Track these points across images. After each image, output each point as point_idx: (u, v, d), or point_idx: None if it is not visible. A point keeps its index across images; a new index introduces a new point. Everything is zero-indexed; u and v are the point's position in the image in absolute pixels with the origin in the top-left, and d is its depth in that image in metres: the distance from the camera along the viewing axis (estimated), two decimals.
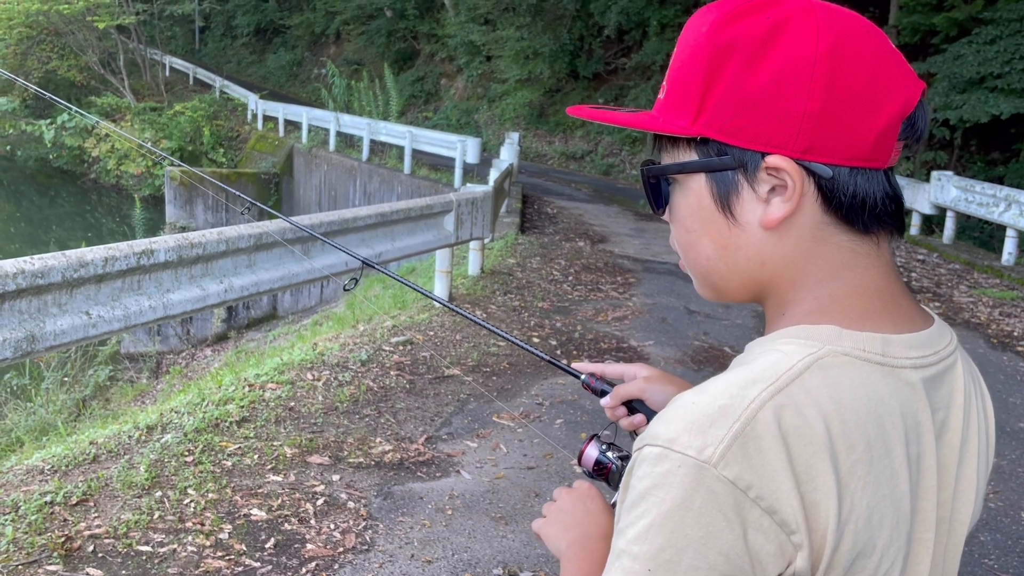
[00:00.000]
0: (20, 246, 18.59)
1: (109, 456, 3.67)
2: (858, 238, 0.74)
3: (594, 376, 1.14)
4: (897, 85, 0.72)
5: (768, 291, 0.78)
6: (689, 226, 0.79)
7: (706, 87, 0.73)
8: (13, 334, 3.19)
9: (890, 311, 0.75)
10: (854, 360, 0.70)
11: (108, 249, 3.57)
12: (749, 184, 0.73)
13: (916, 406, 0.73)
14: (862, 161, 0.71)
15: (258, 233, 4.33)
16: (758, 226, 0.74)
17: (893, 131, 0.72)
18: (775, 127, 0.71)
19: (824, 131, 0.70)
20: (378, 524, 3.28)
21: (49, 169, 25.77)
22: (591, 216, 11.98)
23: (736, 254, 0.76)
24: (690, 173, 0.77)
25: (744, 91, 0.71)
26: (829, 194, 0.72)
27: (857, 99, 0.70)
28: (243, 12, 34.81)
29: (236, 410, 4.19)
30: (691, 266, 0.83)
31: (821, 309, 0.74)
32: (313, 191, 18.50)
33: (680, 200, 0.80)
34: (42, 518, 3.07)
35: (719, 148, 0.74)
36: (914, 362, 0.73)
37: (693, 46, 0.75)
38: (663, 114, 0.78)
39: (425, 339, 5.63)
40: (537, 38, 20.47)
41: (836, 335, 0.71)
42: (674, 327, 6.45)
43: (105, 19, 22.53)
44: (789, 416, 0.66)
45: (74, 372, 8.67)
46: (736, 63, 0.72)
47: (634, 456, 0.70)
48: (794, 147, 0.71)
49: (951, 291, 8.40)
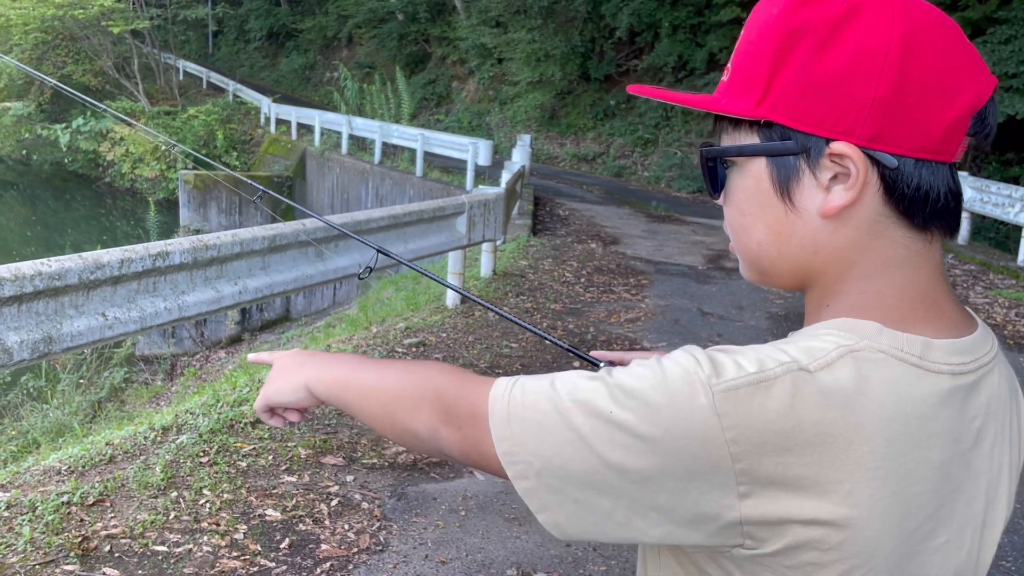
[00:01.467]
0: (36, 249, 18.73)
1: (125, 457, 3.70)
2: (913, 235, 0.73)
3: (613, 364, 1.15)
4: (969, 78, 0.70)
5: (815, 281, 0.76)
6: (745, 209, 0.78)
7: (773, 70, 0.72)
8: (31, 335, 3.21)
9: (934, 315, 0.74)
10: (889, 359, 0.69)
11: (124, 251, 3.60)
12: (811, 170, 0.72)
13: (948, 411, 0.71)
14: (929, 153, 0.70)
15: (272, 235, 4.35)
16: (816, 214, 0.73)
17: (963, 124, 0.70)
18: (842, 113, 0.69)
19: (893, 120, 0.69)
20: (392, 525, 3.29)
21: (64, 173, 25.98)
22: (603, 218, 11.97)
23: (790, 241, 0.75)
24: (750, 156, 0.76)
25: (812, 75, 0.70)
26: (892, 185, 0.70)
27: (928, 89, 0.68)
28: (256, 16, 35.00)
29: (251, 411, 4.20)
30: (741, 249, 0.81)
31: (865, 305, 0.73)
32: (326, 194, 18.57)
33: (737, 183, 0.78)
34: (59, 518, 3.09)
35: (782, 132, 0.73)
36: (953, 368, 0.72)
37: (762, 27, 0.73)
38: (726, 96, 0.76)
39: (438, 340, 5.64)
40: (548, 40, 20.47)
41: (876, 332, 0.70)
42: (687, 329, 6.44)
43: (119, 24, 22.70)
44: (808, 389, 0.65)
45: (89, 374, 8.73)
46: (806, 47, 0.70)
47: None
48: (861, 134, 0.69)
49: (966, 292, 8.34)
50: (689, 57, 18.89)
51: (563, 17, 20.75)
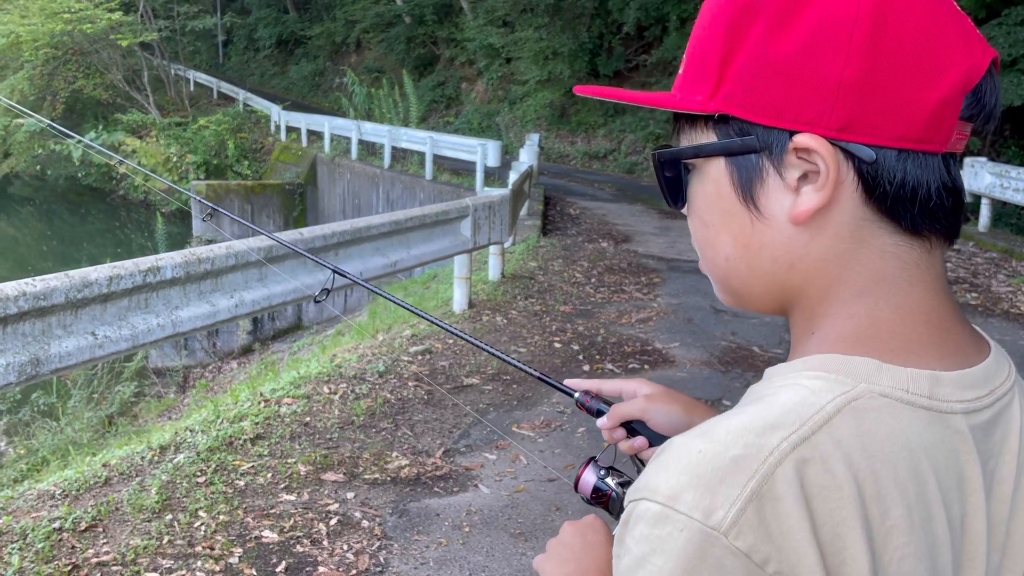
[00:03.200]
0: (52, 264, 18.83)
1: (121, 478, 3.61)
2: (906, 243, 0.61)
3: (588, 394, 1.02)
4: (958, 52, 0.59)
5: (796, 301, 0.65)
6: (707, 220, 0.67)
7: (725, 56, 0.61)
8: (17, 358, 3.13)
9: (939, 340, 0.62)
10: (894, 403, 0.58)
11: (113, 268, 3.51)
12: (775, 169, 0.61)
13: (963, 458, 0.60)
14: (913, 142, 0.58)
15: (268, 246, 4.25)
16: (786, 221, 0.62)
17: (953, 107, 0.58)
18: (805, 100, 0.58)
19: (865, 105, 0.57)
20: (393, 544, 3.17)
21: (79, 187, 26.15)
22: (614, 216, 11.82)
23: (760, 254, 0.64)
24: (707, 157, 0.65)
25: (769, 59, 0.59)
26: (871, 182, 0.59)
27: (906, 67, 0.57)
28: (264, 24, 35.10)
29: (251, 427, 4.11)
30: (709, 267, 0.70)
31: (857, 334, 0.61)
32: (337, 200, 18.53)
33: (697, 189, 0.67)
34: (49, 545, 3.00)
35: (741, 127, 0.62)
36: (966, 406, 0.60)
37: (712, 11, 0.64)
38: (680, 90, 0.66)
39: (444, 347, 5.52)
40: (556, 38, 20.33)
41: (875, 371, 0.58)
42: (700, 327, 6.28)
43: (128, 37, 22.78)
44: (814, 472, 0.54)
45: (101, 388, 8.69)
46: (761, 26, 0.60)
47: (629, 508, 0.58)
48: (828, 124, 0.58)
49: (988, 281, 8.12)
50: None
51: (570, 14, 20.59)
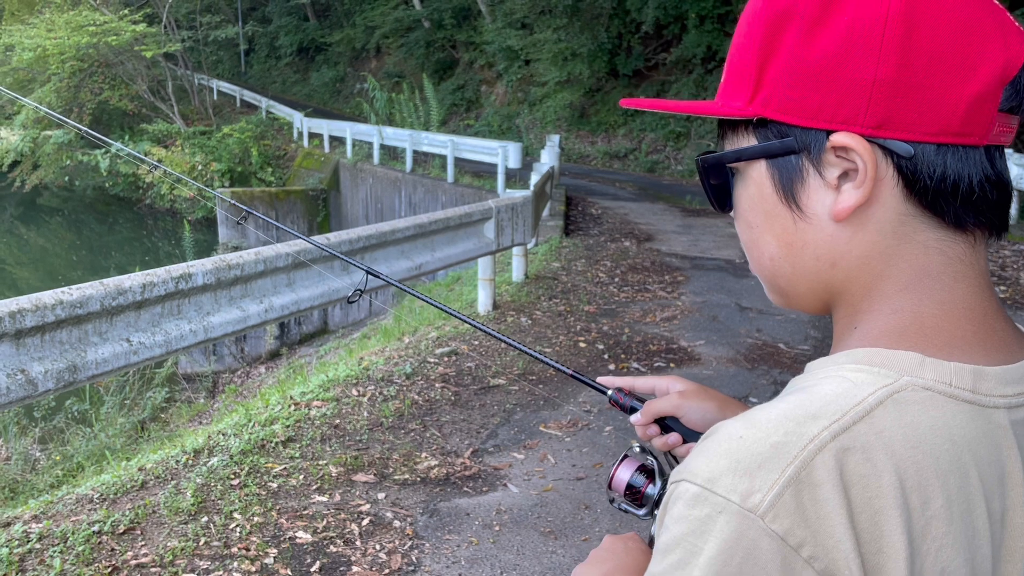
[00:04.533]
0: (82, 273, 19.13)
1: (156, 482, 3.68)
2: (949, 238, 0.63)
3: (622, 391, 1.04)
4: (994, 43, 0.60)
5: (840, 299, 0.67)
6: (752, 221, 0.70)
7: (762, 62, 0.64)
8: (55, 365, 3.20)
9: (982, 336, 0.63)
10: (937, 396, 0.59)
11: (146, 275, 3.58)
12: (815, 169, 0.63)
13: (1005, 453, 0.61)
14: (951, 136, 0.60)
15: (295, 252, 4.31)
16: (828, 219, 0.64)
17: (991, 99, 0.60)
18: (840, 100, 0.61)
19: (901, 101, 0.59)
20: (424, 543, 3.21)
21: (107, 197, 26.53)
22: (636, 215, 11.81)
23: (803, 252, 0.66)
24: (749, 160, 0.68)
25: (804, 62, 0.62)
26: (911, 177, 0.61)
27: (940, 62, 0.59)
28: (285, 32, 35.43)
29: (282, 430, 4.17)
30: (756, 268, 0.72)
31: (901, 329, 0.63)
32: (360, 205, 18.66)
33: (741, 192, 0.70)
34: (89, 548, 3.07)
35: (779, 129, 0.64)
36: (1008, 401, 0.62)
37: (750, 19, 0.67)
38: (722, 97, 0.69)
39: (470, 349, 5.56)
40: (575, 39, 20.34)
41: (918, 364, 0.60)
42: (725, 325, 6.27)
43: (152, 48, 23.09)
44: (854, 462, 0.56)
45: (133, 395, 8.82)
46: (794, 31, 0.62)
47: (670, 489, 0.60)
48: (864, 122, 0.60)
49: (1017, 273, 8.03)
50: (718, 47, 18.59)
51: (588, 15, 20.58)
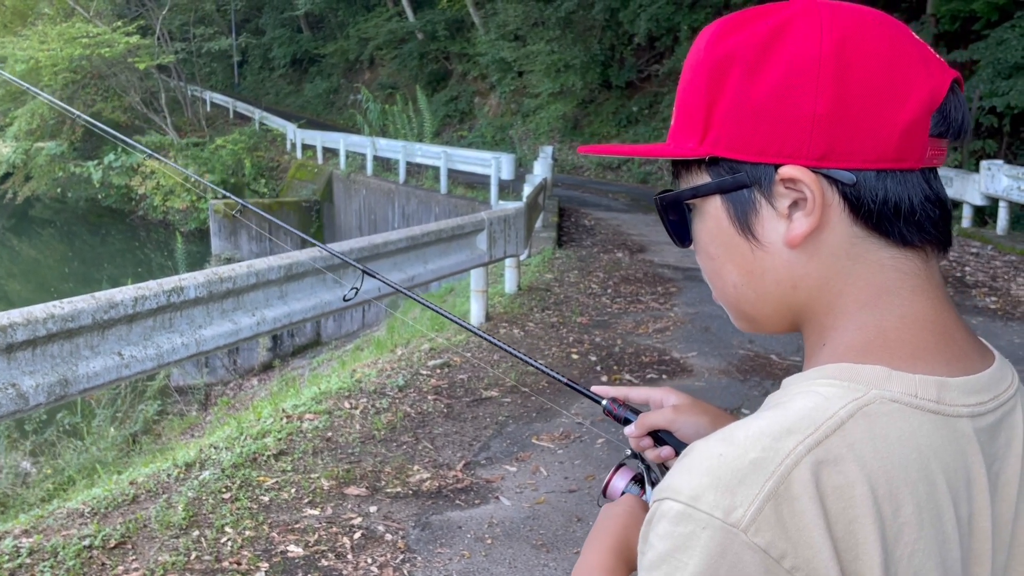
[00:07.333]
0: (74, 285, 19.06)
1: (148, 496, 3.67)
2: (901, 255, 0.67)
3: (616, 401, 1.05)
4: (919, 76, 0.65)
5: (805, 318, 0.71)
6: (712, 253, 0.75)
7: (709, 104, 0.69)
8: (46, 379, 3.20)
9: (943, 347, 0.67)
10: (904, 408, 0.62)
11: (138, 289, 3.58)
12: (767, 200, 0.68)
13: (969, 460, 0.64)
14: (889, 162, 0.65)
15: (288, 264, 4.31)
16: (783, 246, 0.68)
17: (922, 125, 0.65)
18: (784, 135, 0.65)
19: (840, 133, 0.64)
20: (416, 557, 3.21)
21: (99, 208, 26.49)
22: (629, 226, 11.85)
23: (764, 278, 0.71)
24: (704, 197, 0.72)
25: (748, 102, 0.67)
26: (856, 202, 0.65)
27: (873, 95, 0.64)
28: (279, 44, 35.48)
29: (274, 443, 4.16)
30: (720, 297, 0.77)
31: (866, 344, 0.66)
32: (353, 216, 18.67)
33: (699, 227, 0.75)
34: (80, 563, 3.06)
35: (731, 166, 0.69)
36: (971, 410, 0.65)
37: (694, 65, 0.71)
38: (673, 139, 0.74)
39: (462, 361, 5.56)
40: (568, 50, 20.42)
41: (885, 377, 0.63)
42: (718, 336, 6.29)
43: (145, 60, 23.12)
44: (828, 473, 0.59)
45: (124, 407, 8.79)
46: (736, 74, 0.67)
47: (653, 507, 0.63)
48: (808, 154, 0.65)
49: (1008, 284, 8.07)
50: None
51: (581, 27, 20.69)
